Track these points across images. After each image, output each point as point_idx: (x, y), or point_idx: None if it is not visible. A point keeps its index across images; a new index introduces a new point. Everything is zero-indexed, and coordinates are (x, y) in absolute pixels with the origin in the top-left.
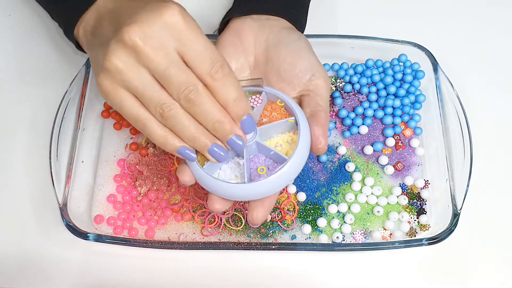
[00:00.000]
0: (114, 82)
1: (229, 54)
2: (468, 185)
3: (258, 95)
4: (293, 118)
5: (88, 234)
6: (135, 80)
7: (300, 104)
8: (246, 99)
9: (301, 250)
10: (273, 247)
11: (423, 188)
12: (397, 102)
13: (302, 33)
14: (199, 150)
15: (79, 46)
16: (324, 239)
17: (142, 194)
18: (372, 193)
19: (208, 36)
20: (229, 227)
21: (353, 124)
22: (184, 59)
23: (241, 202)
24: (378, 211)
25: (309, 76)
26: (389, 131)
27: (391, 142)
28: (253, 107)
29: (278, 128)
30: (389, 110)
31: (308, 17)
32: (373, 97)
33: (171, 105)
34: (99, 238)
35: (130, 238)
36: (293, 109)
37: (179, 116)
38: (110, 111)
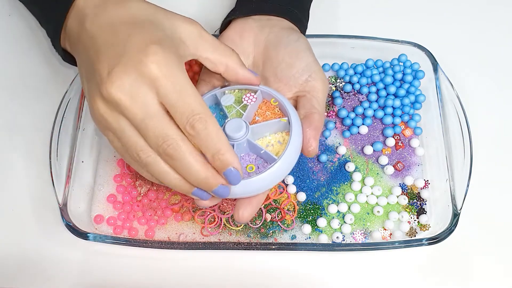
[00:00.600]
0: (100, 125)
1: None
2: (468, 185)
3: (253, 93)
4: (286, 118)
5: (88, 234)
6: (117, 128)
7: (296, 105)
8: (229, 151)
9: (301, 250)
10: (273, 247)
11: (423, 188)
12: (397, 102)
13: (304, 33)
14: (182, 193)
15: (66, 56)
16: (324, 239)
17: (142, 194)
18: (372, 193)
19: None
20: (229, 227)
21: (353, 124)
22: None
23: None
24: (378, 211)
25: (306, 77)
26: (389, 131)
27: (391, 142)
28: (247, 105)
29: (270, 127)
30: (389, 110)
31: (313, 18)
32: (373, 97)
33: (148, 152)
34: (99, 238)
35: (130, 238)
36: (286, 109)
37: (156, 164)
38: None
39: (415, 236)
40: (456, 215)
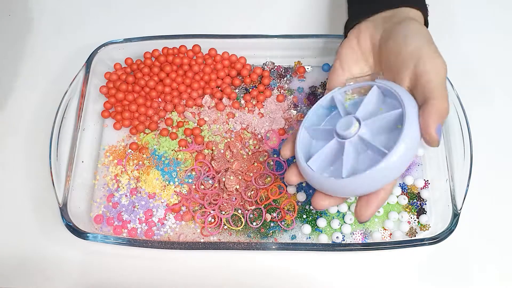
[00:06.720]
0: None
1: (348, 62)
2: (468, 185)
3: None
4: (400, 109)
5: (88, 234)
6: None
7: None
8: None
9: (301, 250)
10: (273, 247)
11: (423, 188)
12: None
13: (427, 13)
14: None
15: None
16: (324, 239)
17: (141, 192)
18: None
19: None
20: (229, 227)
21: None
22: None
23: (242, 202)
24: (378, 211)
25: (414, 62)
26: None
27: None
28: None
29: (384, 122)
30: None
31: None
32: None
33: None
34: (99, 238)
35: (130, 238)
36: (401, 100)
37: None
38: (110, 111)
39: (415, 236)
40: (456, 215)
